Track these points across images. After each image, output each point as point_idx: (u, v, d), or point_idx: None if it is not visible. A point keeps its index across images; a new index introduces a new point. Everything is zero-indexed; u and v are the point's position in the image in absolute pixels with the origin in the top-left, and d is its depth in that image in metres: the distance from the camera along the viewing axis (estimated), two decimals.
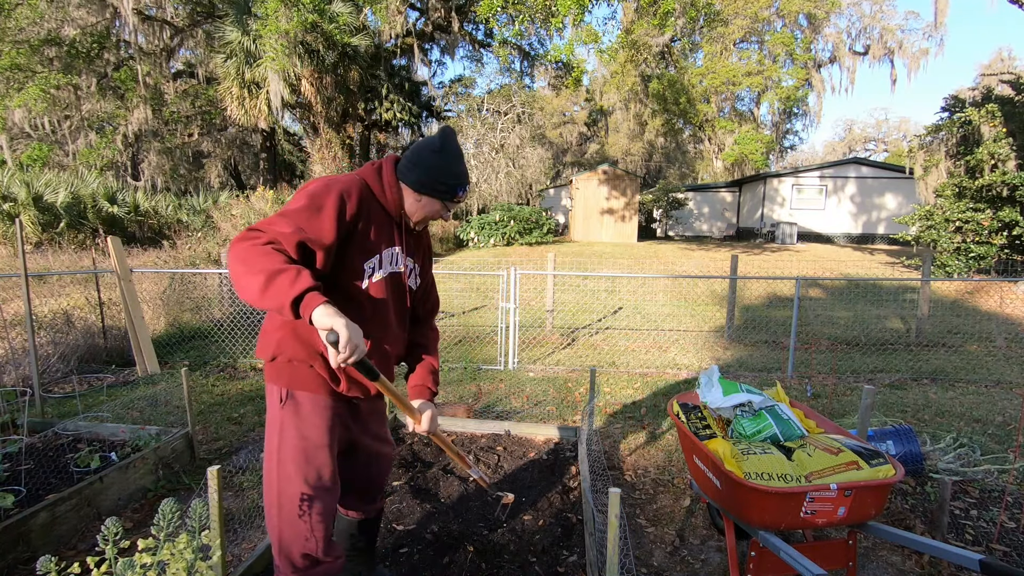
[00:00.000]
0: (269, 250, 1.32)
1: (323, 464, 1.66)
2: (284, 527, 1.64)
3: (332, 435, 1.68)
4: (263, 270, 1.27)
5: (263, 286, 1.26)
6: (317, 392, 1.64)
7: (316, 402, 1.64)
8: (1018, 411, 4.41)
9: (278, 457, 1.64)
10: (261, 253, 1.31)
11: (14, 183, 12.46)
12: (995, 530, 2.62)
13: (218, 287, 7.68)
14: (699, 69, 23.61)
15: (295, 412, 1.63)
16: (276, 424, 1.65)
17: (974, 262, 11.60)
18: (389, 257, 1.67)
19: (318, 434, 1.64)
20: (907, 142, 25.33)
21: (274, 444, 1.66)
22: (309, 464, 1.63)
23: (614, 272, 10.90)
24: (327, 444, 1.66)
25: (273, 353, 1.64)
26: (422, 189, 1.65)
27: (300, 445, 1.63)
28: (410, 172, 1.64)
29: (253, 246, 1.32)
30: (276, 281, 1.26)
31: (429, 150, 1.64)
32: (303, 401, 1.63)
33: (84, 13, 16.60)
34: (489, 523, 2.66)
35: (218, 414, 4.32)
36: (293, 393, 1.63)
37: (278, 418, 1.65)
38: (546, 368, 5.80)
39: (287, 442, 1.63)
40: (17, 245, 4.28)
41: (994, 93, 12.85)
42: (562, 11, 11.65)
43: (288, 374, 1.63)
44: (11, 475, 2.84)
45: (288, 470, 1.63)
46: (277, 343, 1.63)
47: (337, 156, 16.60)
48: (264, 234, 1.36)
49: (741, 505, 2.00)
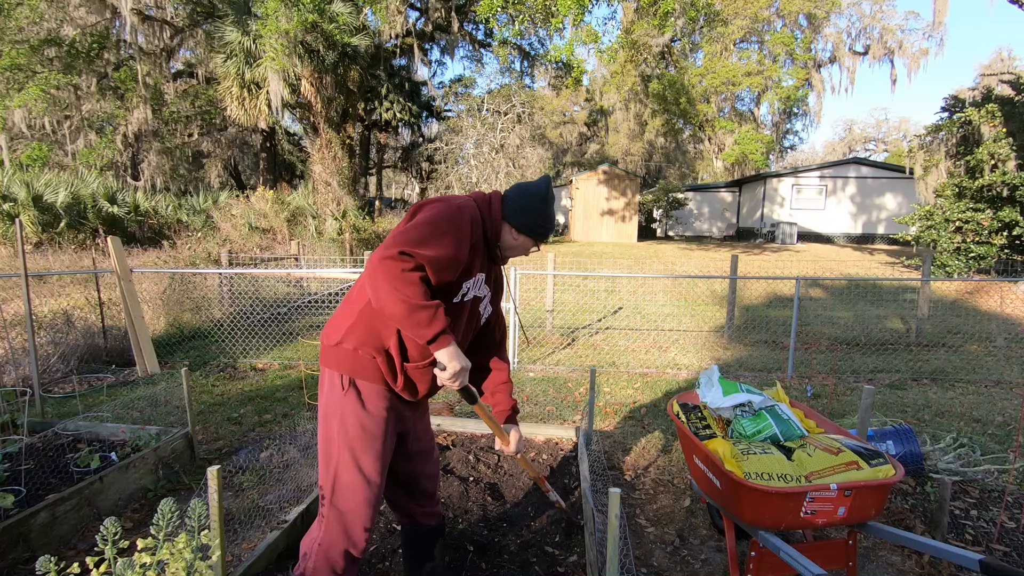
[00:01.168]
0: (416, 279, 1.49)
1: (377, 455, 1.71)
2: (332, 515, 1.69)
3: (388, 427, 1.74)
4: (407, 300, 1.47)
5: (405, 315, 1.48)
6: (378, 383, 1.69)
7: (377, 393, 1.70)
8: (1018, 411, 4.41)
9: (333, 445, 1.69)
10: (408, 282, 1.47)
11: (14, 183, 12.46)
12: (995, 530, 2.62)
13: (218, 287, 7.68)
14: (699, 69, 23.60)
15: (357, 400, 1.68)
16: (336, 410, 1.69)
17: (974, 262, 11.60)
18: (478, 281, 1.78)
19: (377, 424, 1.70)
20: (907, 142, 25.33)
21: (333, 430, 1.70)
22: (365, 453, 1.69)
23: (614, 272, 10.90)
24: (383, 434, 1.72)
25: (340, 339, 1.68)
26: (524, 230, 1.78)
27: (360, 434, 1.68)
28: (515, 214, 1.77)
29: (403, 272, 1.47)
30: (417, 315, 1.48)
31: (536, 198, 1.77)
32: (365, 390, 1.69)
33: (84, 13, 16.60)
34: (489, 523, 2.66)
35: (218, 414, 4.32)
36: (356, 381, 1.68)
37: (339, 405, 1.69)
38: (546, 368, 5.80)
39: (348, 429, 1.68)
40: (17, 245, 4.28)
41: (994, 93, 12.85)
42: (562, 11, 11.65)
43: (351, 362, 1.67)
44: (11, 475, 2.83)
45: (346, 458, 1.68)
46: (348, 329, 1.68)
47: (337, 156, 16.59)
48: (412, 260, 1.48)
49: (741, 505, 2.00)
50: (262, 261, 10.71)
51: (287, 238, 13.58)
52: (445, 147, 20.76)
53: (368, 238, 14.08)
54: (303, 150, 25.20)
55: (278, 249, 12.54)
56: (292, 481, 3.16)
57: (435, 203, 1.65)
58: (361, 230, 14.29)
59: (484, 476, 3.12)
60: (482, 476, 3.12)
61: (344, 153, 16.87)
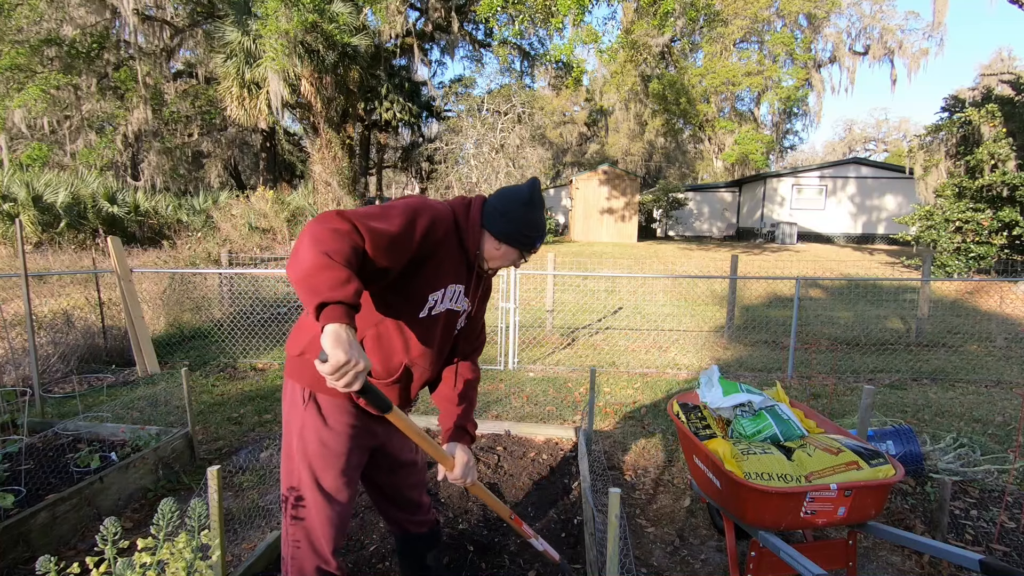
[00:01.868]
0: (344, 236, 1.23)
1: (339, 472, 1.61)
2: (297, 534, 1.61)
3: (353, 443, 1.63)
4: (323, 253, 1.19)
5: (310, 270, 1.18)
6: (341, 398, 1.58)
7: (338, 407, 1.59)
8: (1018, 411, 4.41)
9: (294, 461, 1.61)
10: (334, 236, 1.22)
11: (14, 183, 12.46)
12: (995, 530, 2.62)
13: (218, 287, 7.67)
14: (699, 69, 23.60)
15: (317, 415, 1.58)
16: (296, 425, 1.61)
17: (974, 262, 11.60)
18: (452, 294, 1.62)
19: (339, 441, 1.59)
20: (907, 142, 25.33)
21: (292, 446, 1.61)
22: (326, 471, 1.59)
23: (614, 272, 10.89)
24: (347, 451, 1.61)
25: (303, 349, 1.59)
26: (505, 239, 1.61)
27: (319, 451, 1.58)
28: (495, 221, 1.60)
29: (330, 229, 1.23)
30: (323, 274, 1.18)
31: (518, 202, 1.60)
32: (325, 405, 1.58)
33: (84, 13, 16.60)
34: (489, 523, 2.66)
35: (218, 414, 4.32)
36: (315, 395, 1.58)
37: (298, 419, 1.60)
38: (546, 368, 5.80)
39: (307, 446, 1.58)
40: (17, 245, 4.28)
41: (994, 93, 12.85)
42: (562, 11, 11.65)
43: (312, 374, 1.56)
44: (11, 475, 2.83)
45: (306, 476, 1.58)
46: (311, 340, 1.57)
47: (337, 156, 16.59)
48: (348, 222, 1.26)
49: (741, 505, 2.00)
50: (262, 261, 10.71)
51: (287, 238, 13.58)
52: (445, 147, 20.76)
53: None
54: (303, 150, 25.19)
55: (278, 249, 12.54)
56: None
57: (406, 198, 1.52)
58: None
59: (484, 476, 3.12)
60: (482, 476, 3.12)
61: (344, 153, 16.87)
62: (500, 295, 6.13)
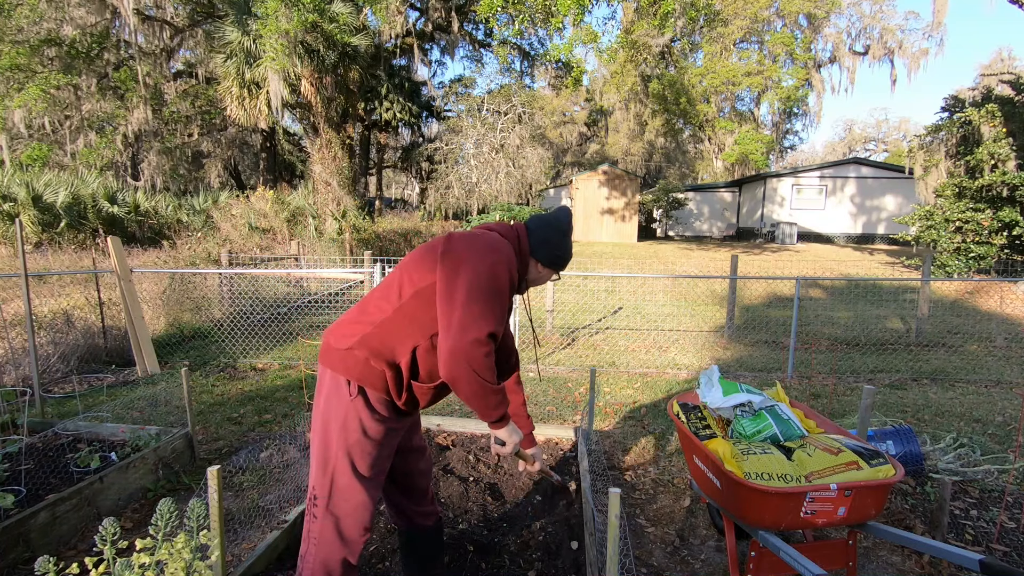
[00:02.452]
0: (491, 363, 1.60)
1: (375, 461, 1.72)
2: (325, 523, 1.68)
3: (390, 435, 1.76)
4: (485, 385, 1.59)
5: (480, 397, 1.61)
6: (383, 393, 1.70)
7: (382, 402, 1.71)
8: (1018, 411, 4.41)
9: (331, 449, 1.68)
10: (487, 367, 1.58)
11: (14, 183, 12.46)
12: (995, 530, 2.62)
13: (218, 287, 7.67)
14: (699, 69, 23.61)
15: (365, 406, 1.68)
16: (339, 414, 1.69)
17: (974, 262, 11.60)
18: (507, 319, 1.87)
19: (379, 432, 1.71)
20: (907, 142, 25.31)
21: (330, 436, 1.69)
22: (363, 460, 1.69)
23: (614, 272, 10.90)
24: (385, 441, 1.74)
25: (353, 344, 1.68)
26: (549, 264, 1.86)
27: (361, 440, 1.68)
28: (540, 249, 1.83)
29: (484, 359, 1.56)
30: (489, 399, 1.63)
31: (559, 232, 1.85)
32: (373, 398, 1.69)
33: (84, 13, 16.59)
34: (489, 523, 2.66)
35: (218, 414, 4.32)
36: (364, 389, 1.68)
37: (342, 409, 1.68)
38: (546, 368, 5.80)
39: (349, 435, 1.67)
40: (17, 245, 4.28)
41: (994, 93, 12.85)
42: (562, 11, 11.65)
43: (361, 369, 1.67)
44: (11, 475, 2.83)
45: (344, 463, 1.67)
46: (363, 336, 1.68)
47: (337, 156, 16.59)
48: (487, 344, 1.57)
49: (741, 505, 2.00)
50: (262, 261, 10.72)
51: (287, 238, 13.57)
52: (445, 147, 20.76)
53: (368, 238, 14.06)
54: (303, 150, 25.18)
55: (278, 249, 12.54)
56: (292, 481, 3.16)
57: (476, 256, 1.63)
58: (361, 230, 14.28)
59: (484, 476, 3.12)
60: (482, 476, 3.11)
61: (344, 153, 16.87)
62: None
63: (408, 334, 1.67)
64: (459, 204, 20.29)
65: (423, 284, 1.65)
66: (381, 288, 1.75)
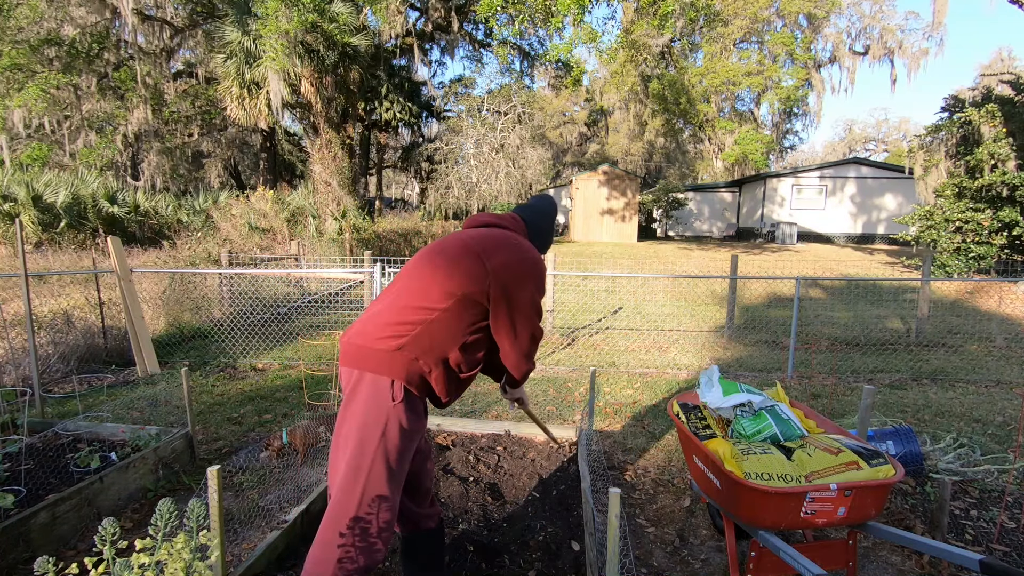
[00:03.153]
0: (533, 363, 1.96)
1: (407, 465, 1.72)
2: (356, 528, 1.61)
3: (416, 439, 1.76)
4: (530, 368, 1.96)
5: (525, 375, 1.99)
6: (422, 395, 1.72)
7: (421, 402, 1.74)
8: (1018, 411, 4.41)
9: (366, 450, 1.61)
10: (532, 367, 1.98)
11: (14, 183, 12.46)
12: (995, 530, 2.62)
13: (218, 287, 7.67)
14: (699, 69, 23.61)
15: (408, 410, 1.66)
16: (380, 419, 1.62)
17: (974, 262, 11.60)
18: None
19: (414, 435, 1.71)
20: (907, 142, 25.32)
21: (373, 439, 1.61)
22: (400, 463, 1.67)
23: (614, 272, 10.89)
24: (415, 445, 1.75)
25: (403, 343, 1.64)
26: (542, 251, 2.02)
27: (399, 445, 1.65)
28: (537, 239, 2.00)
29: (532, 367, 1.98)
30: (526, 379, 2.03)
31: (550, 221, 2.04)
32: (413, 400, 1.68)
33: (84, 13, 16.60)
34: (489, 523, 2.66)
35: (218, 414, 4.31)
36: (409, 392, 1.66)
37: (383, 414, 1.62)
38: (546, 368, 5.80)
39: (390, 440, 1.63)
40: (17, 245, 4.28)
41: (994, 93, 12.84)
42: (562, 11, 11.64)
43: (408, 370, 1.64)
44: (11, 475, 2.83)
45: (380, 468, 1.62)
46: (414, 337, 1.65)
47: (337, 156, 16.59)
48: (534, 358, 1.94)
49: (741, 505, 2.00)
50: (262, 261, 10.71)
51: (287, 238, 13.57)
52: (445, 147, 20.76)
53: (368, 238, 14.06)
54: (303, 150, 25.19)
55: (278, 249, 12.54)
56: (292, 481, 3.16)
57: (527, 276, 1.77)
58: (361, 230, 14.28)
59: (484, 476, 3.12)
60: (482, 476, 3.11)
61: (344, 153, 16.87)
62: None
63: (455, 334, 1.69)
64: (459, 204, 20.31)
65: (469, 290, 1.68)
66: (415, 286, 1.72)
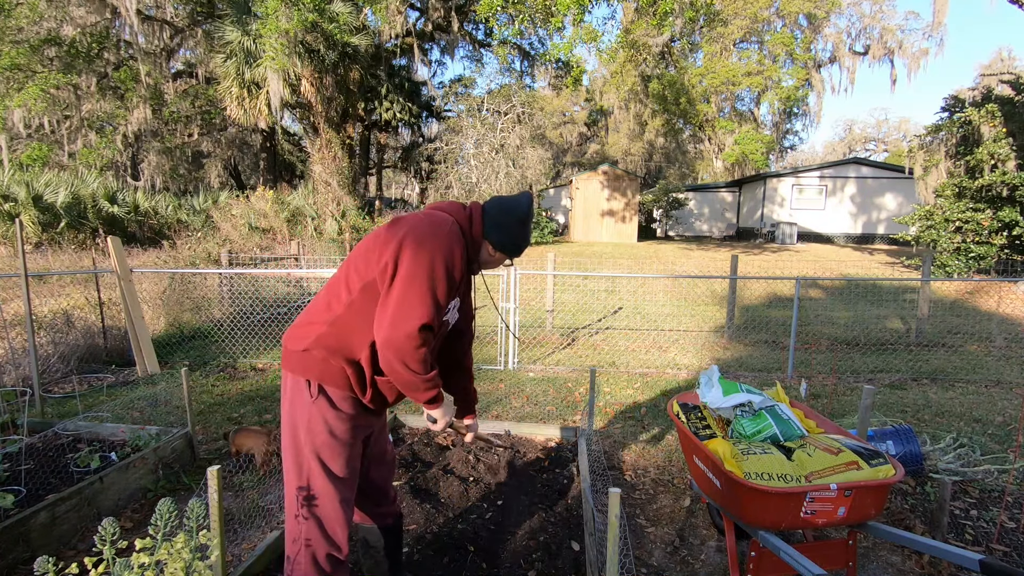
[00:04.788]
0: (424, 354, 1.58)
1: (347, 460, 1.70)
2: (308, 524, 1.66)
3: (357, 431, 1.73)
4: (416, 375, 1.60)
5: (412, 386, 1.64)
6: (347, 390, 1.67)
7: (346, 398, 1.69)
8: (1018, 411, 4.41)
9: (303, 453, 1.66)
10: (419, 360, 1.58)
11: (14, 183, 12.45)
12: (995, 530, 2.62)
13: (218, 287, 7.67)
14: (699, 69, 23.60)
15: (327, 407, 1.65)
16: (303, 417, 1.66)
17: (974, 262, 11.60)
18: (455, 304, 1.80)
19: (346, 430, 1.68)
20: (907, 142, 25.31)
21: (299, 439, 1.66)
22: (335, 460, 1.67)
23: (614, 272, 10.89)
24: (352, 439, 1.71)
25: (309, 345, 1.65)
26: (501, 248, 1.79)
27: (328, 440, 1.65)
28: (494, 233, 1.76)
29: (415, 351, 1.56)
30: (420, 386, 1.63)
31: (517, 219, 1.75)
32: (335, 396, 1.66)
33: (84, 13, 16.59)
34: (489, 523, 2.66)
35: (218, 414, 4.31)
36: (324, 388, 1.65)
37: (306, 411, 1.65)
38: (546, 368, 5.80)
39: (315, 437, 1.65)
40: (17, 245, 4.28)
41: (994, 93, 12.84)
42: (562, 10, 11.64)
43: (320, 368, 1.64)
44: (11, 475, 2.83)
45: (316, 466, 1.65)
46: (317, 337, 1.64)
47: (337, 156, 16.59)
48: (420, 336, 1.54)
49: (741, 505, 2.00)
50: (262, 261, 10.71)
51: (287, 238, 13.56)
52: (445, 147, 20.74)
53: None
54: (303, 150, 25.18)
55: (278, 249, 12.53)
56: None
57: (420, 241, 1.56)
58: (361, 230, 14.28)
59: (484, 476, 3.12)
60: (482, 476, 3.11)
61: (344, 153, 16.87)
62: (500, 295, 6.13)
63: (363, 329, 1.61)
64: None
65: (369, 277, 1.59)
66: (330, 285, 1.71)
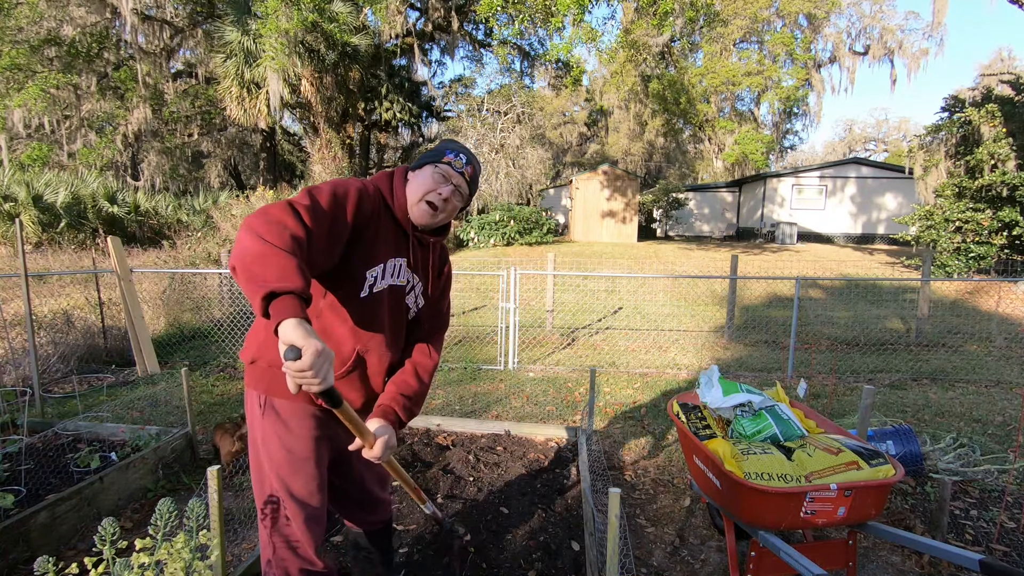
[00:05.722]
0: (284, 219, 1.16)
1: (309, 477, 1.58)
2: (276, 540, 1.60)
3: (317, 445, 1.60)
4: (266, 242, 1.10)
5: (253, 260, 1.09)
6: (296, 400, 1.53)
7: (297, 411, 1.55)
8: (1018, 411, 4.41)
9: (263, 470, 1.58)
10: (276, 227, 1.13)
11: (14, 183, 12.45)
12: (995, 530, 2.62)
13: (218, 287, 7.67)
14: (699, 69, 23.59)
15: (276, 421, 1.54)
16: (257, 434, 1.58)
17: (974, 262, 11.60)
18: (393, 268, 1.56)
19: (302, 445, 1.56)
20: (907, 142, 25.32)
21: (259, 456, 1.58)
22: (295, 477, 1.56)
23: (614, 272, 10.90)
24: (312, 455, 1.58)
25: (254, 356, 1.55)
26: (415, 168, 1.59)
27: (285, 458, 1.55)
28: (416, 164, 1.61)
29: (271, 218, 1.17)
30: (269, 262, 1.08)
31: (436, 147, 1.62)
32: (283, 409, 1.54)
33: (84, 13, 16.59)
34: (489, 524, 2.66)
35: (218, 414, 4.31)
36: (272, 401, 1.54)
37: (259, 428, 1.56)
38: (546, 368, 5.80)
39: (272, 454, 1.55)
40: (17, 245, 4.28)
41: (994, 93, 12.84)
42: (562, 10, 11.64)
43: (268, 380, 1.53)
44: (11, 475, 2.83)
45: (278, 485, 1.56)
46: (259, 345, 1.54)
47: (337, 156, 16.59)
48: (288, 209, 1.21)
49: (741, 505, 2.00)
50: None
51: None
52: None
53: None
54: (303, 150, 25.18)
55: None
56: None
57: (327, 182, 1.43)
58: None
59: (484, 476, 3.12)
60: (482, 476, 3.11)
61: (344, 153, 16.87)
62: (500, 295, 6.13)
63: None
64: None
65: None
66: None
